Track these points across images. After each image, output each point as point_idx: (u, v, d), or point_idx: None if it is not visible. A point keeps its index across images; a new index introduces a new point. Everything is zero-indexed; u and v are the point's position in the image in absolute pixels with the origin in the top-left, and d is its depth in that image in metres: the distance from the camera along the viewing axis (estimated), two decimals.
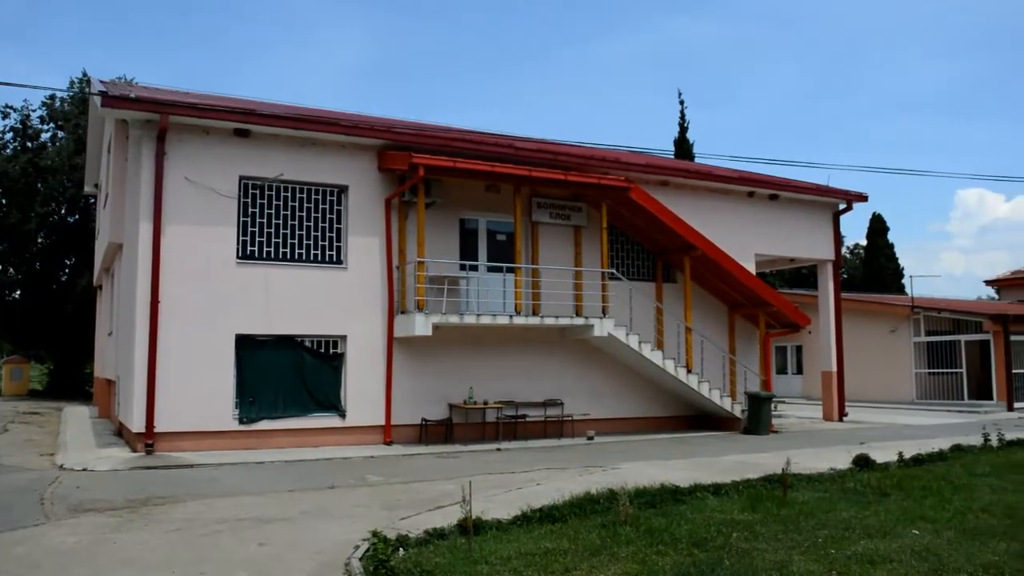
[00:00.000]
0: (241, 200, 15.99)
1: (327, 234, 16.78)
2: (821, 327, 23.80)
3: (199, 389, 15.15)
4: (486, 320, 16.81)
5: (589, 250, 19.12)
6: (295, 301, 16.17)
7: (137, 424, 14.66)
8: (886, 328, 31.38)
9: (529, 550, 7.28)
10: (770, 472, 11.27)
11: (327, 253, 16.73)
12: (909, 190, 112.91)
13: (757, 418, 19.23)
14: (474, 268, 18.07)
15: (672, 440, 18.03)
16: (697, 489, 10.25)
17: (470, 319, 16.62)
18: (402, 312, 16.78)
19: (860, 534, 7.91)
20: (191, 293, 15.22)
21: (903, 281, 46.09)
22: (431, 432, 17.03)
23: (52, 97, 33.33)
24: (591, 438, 17.91)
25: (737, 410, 19.86)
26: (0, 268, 33.67)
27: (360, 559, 7.09)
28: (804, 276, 42.37)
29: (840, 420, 22.88)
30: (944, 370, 30.00)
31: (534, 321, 17.37)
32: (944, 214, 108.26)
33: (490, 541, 7.64)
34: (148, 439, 14.58)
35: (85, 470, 12.78)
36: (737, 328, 21.53)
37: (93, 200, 30.04)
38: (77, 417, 22.31)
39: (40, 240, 33.17)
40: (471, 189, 17.90)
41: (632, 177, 19.04)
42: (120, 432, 17.43)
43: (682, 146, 40.18)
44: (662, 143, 63.85)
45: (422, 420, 17.05)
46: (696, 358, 19.87)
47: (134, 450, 14.81)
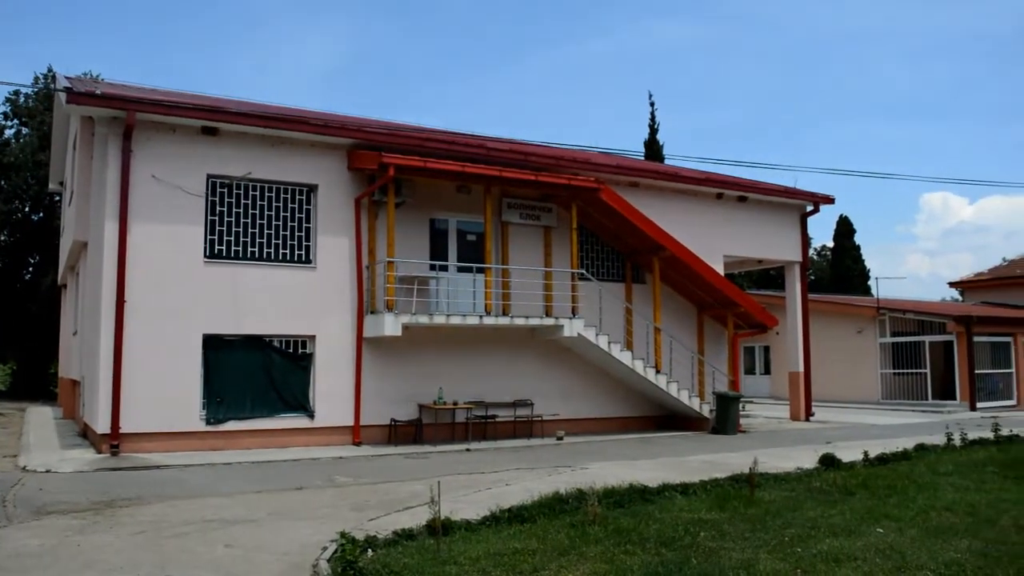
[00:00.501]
0: (209, 199, 15.84)
1: (296, 233, 16.67)
2: (788, 328, 24.03)
3: (165, 389, 14.98)
4: (456, 320, 16.79)
5: (559, 251, 19.16)
6: (263, 301, 16.05)
7: (102, 425, 14.48)
8: (852, 329, 31.77)
9: (498, 550, 7.29)
10: (738, 472, 11.37)
11: (296, 252, 16.62)
12: (876, 193, 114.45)
13: (725, 418, 19.39)
14: (444, 268, 18.04)
15: (641, 440, 18.12)
16: (665, 489, 10.32)
17: (440, 319, 16.60)
18: (371, 312, 16.71)
19: (825, 533, 8.00)
20: (158, 292, 15.05)
21: (869, 283, 46.66)
22: (400, 433, 16.98)
23: (16, 93, 32.92)
24: (560, 438, 17.95)
25: (705, 410, 20.00)
26: None
27: (328, 560, 7.06)
28: (772, 277, 42.75)
29: (807, 420, 23.12)
30: (909, 370, 30.42)
31: (504, 321, 17.38)
32: (910, 217, 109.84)
33: (459, 541, 7.64)
34: (113, 440, 14.40)
35: (49, 472, 12.58)
36: (706, 329, 21.68)
37: (58, 198, 29.62)
38: (41, 418, 21.99)
39: (3, 238, 32.67)
40: (441, 189, 17.87)
41: (602, 178, 19.11)
42: (85, 433, 17.19)
43: (652, 147, 40.41)
44: (632, 144, 64.13)
45: (391, 421, 16.99)
46: (665, 358, 19.99)
47: (99, 451, 14.62)
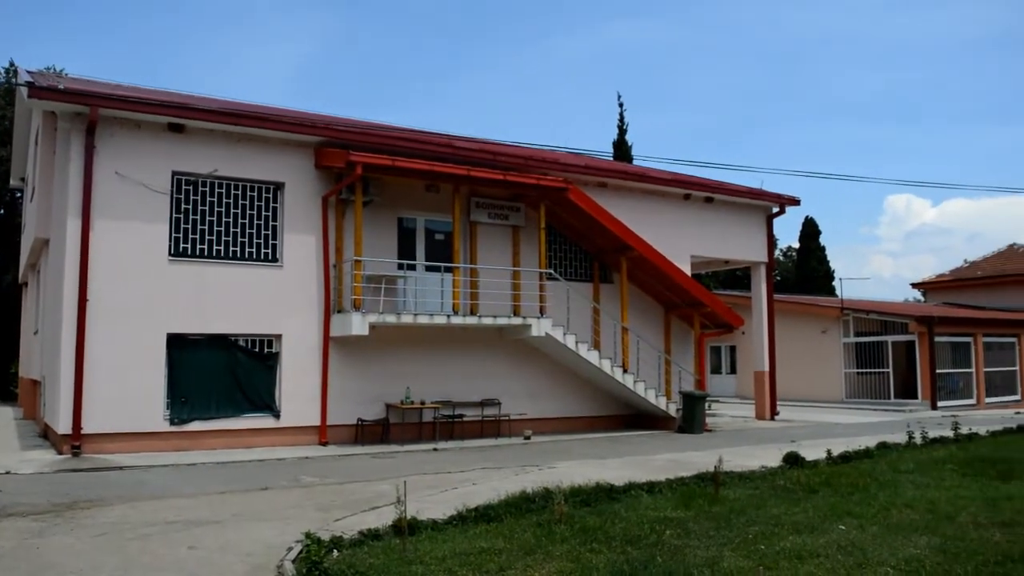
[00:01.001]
0: (174, 196, 15.67)
1: (262, 231, 16.54)
2: (754, 328, 24.26)
3: (129, 389, 14.79)
4: (423, 320, 16.76)
5: (527, 250, 19.19)
6: (229, 299, 15.91)
7: (63, 425, 14.26)
8: (817, 329, 32.14)
9: (464, 550, 7.28)
10: (703, 470, 11.45)
11: (262, 251, 16.49)
12: (841, 195, 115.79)
13: (691, 417, 19.52)
14: (412, 267, 18.00)
15: (608, 439, 18.20)
16: (631, 488, 10.37)
17: (407, 319, 16.55)
18: (339, 311, 16.63)
19: (789, 530, 8.09)
20: (121, 291, 14.86)
21: (834, 283, 47.25)
22: (367, 432, 16.91)
23: None
24: (528, 437, 17.98)
25: (672, 409, 20.13)
26: None
27: (293, 561, 7.01)
28: (738, 278, 43.16)
29: (772, 419, 23.35)
30: (872, 370, 30.83)
31: (472, 321, 17.38)
32: (874, 219, 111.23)
33: (425, 541, 7.62)
34: (75, 441, 14.20)
35: (8, 473, 12.36)
36: (673, 328, 21.82)
37: (19, 194, 29.14)
38: (1, 418, 21.64)
39: None
40: (410, 188, 17.82)
41: (571, 178, 19.16)
42: (46, 434, 16.93)
43: (621, 148, 40.66)
44: (602, 145, 64.36)
45: (358, 420, 16.92)
46: (632, 358, 20.09)
47: (60, 452, 14.40)
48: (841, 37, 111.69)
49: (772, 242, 24.66)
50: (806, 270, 49.42)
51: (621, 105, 42.08)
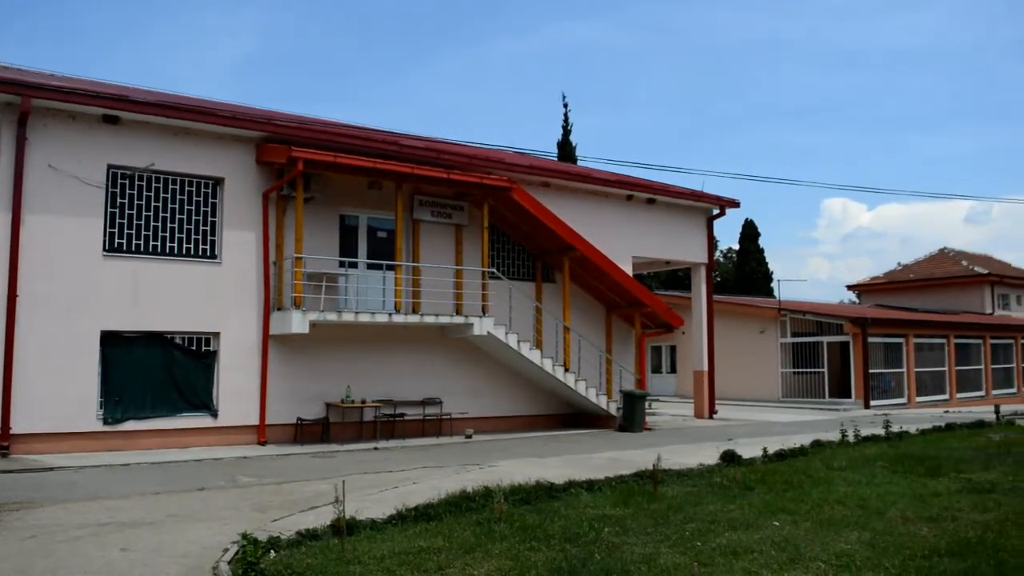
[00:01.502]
0: (109, 190, 15.31)
1: (201, 227, 16.26)
2: (694, 328, 24.58)
3: (60, 388, 14.42)
4: (365, 318, 16.64)
5: (470, 249, 19.18)
6: (165, 296, 15.60)
7: None
8: (755, 329, 32.71)
9: (403, 549, 7.26)
10: (642, 468, 11.56)
11: (200, 247, 16.21)
12: (780, 197, 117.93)
13: (632, 416, 19.72)
14: (354, 265, 17.86)
15: (549, 438, 18.28)
16: (571, 486, 10.42)
17: (348, 317, 16.42)
18: (278, 309, 16.43)
19: (725, 526, 8.23)
20: (53, 286, 14.48)
21: (772, 284, 48.14)
22: (307, 432, 16.74)
23: None
24: (469, 436, 17.98)
25: (613, 408, 20.31)
26: None
27: (229, 562, 6.91)
28: (679, 278, 43.68)
29: (711, 417, 23.70)
30: (808, 370, 31.49)
31: (414, 319, 17.31)
32: (811, 221, 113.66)
33: (364, 541, 7.58)
34: (3, 441, 13.78)
35: None
36: (614, 328, 22.02)
37: None
38: None
39: None
40: (352, 185, 17.67)
41: (515, 178, 19.20)
42: None
43: (565, 148, 40.88)
44: (546, 145, 64.66)
45: (298, 420, 16.74)
46: (574, 357, 20.21)
47: None
48: (780, 42, 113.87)
49: (712, 243, 25.03)
50: (745, 271, 50.23)
51: (566, 106, 42.48)
